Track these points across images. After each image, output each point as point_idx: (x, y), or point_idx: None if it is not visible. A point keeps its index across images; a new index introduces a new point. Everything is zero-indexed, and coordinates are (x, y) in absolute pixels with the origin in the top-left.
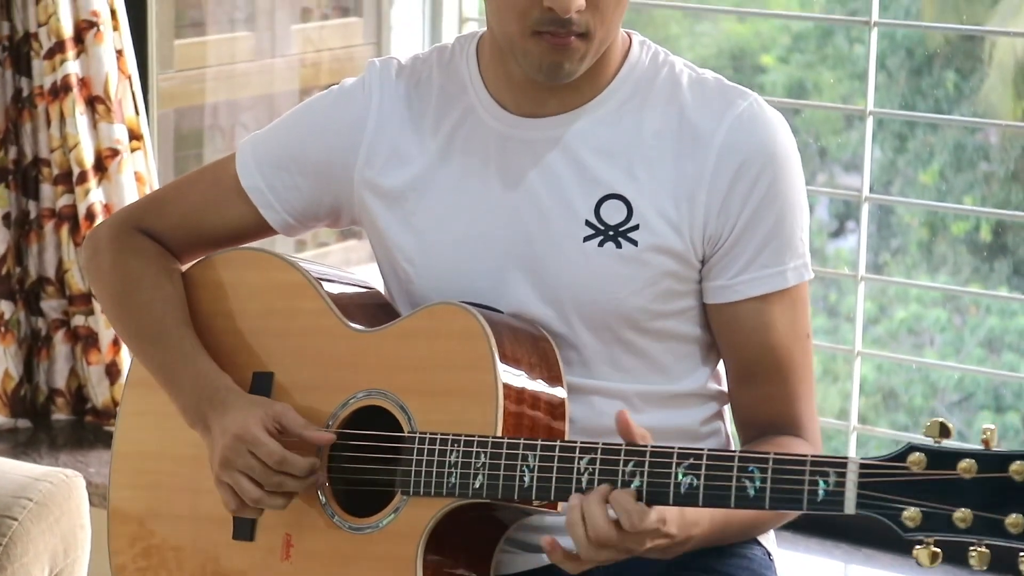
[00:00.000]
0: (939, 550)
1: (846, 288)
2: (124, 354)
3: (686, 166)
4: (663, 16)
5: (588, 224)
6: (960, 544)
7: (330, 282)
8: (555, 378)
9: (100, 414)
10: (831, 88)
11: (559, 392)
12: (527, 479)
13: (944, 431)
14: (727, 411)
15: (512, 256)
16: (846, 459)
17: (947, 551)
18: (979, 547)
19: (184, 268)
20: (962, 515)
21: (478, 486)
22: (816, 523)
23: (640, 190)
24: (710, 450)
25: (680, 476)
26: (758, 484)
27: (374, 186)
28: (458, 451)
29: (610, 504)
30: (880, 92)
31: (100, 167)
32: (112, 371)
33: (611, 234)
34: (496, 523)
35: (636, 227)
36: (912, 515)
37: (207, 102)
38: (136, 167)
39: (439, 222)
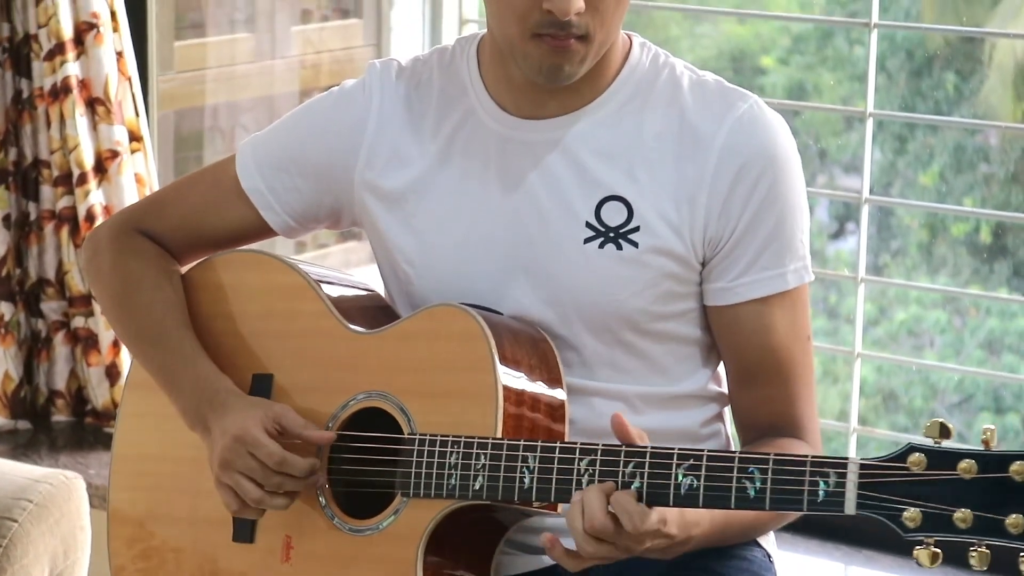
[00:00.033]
0: (939, 550)
1: (846, 290)
2: (124, 356)
3: (687, 168)
4: (663, 18)
5: (588, 226)
6: (960, 544)
7: (330, 284)
8: (555, 380)
9: (100, 416)
10: (831, 90)
11: (559, 394)
12: (527, 480)
13: (944, 431)
14: (727, 413)
15: (512, 258)
16: (846, 460)
17: (947, 551)
18: (979, 547)
19: (184, 270)
20: (962, 515)
21: (478, 487)
22: (816, 524)
23: (640, 192)
24: (710, 451)
25: (680, 477)
26: (758, 485)
27: (374, 188)
28: (458, 453)
29: (611, 504)
30: (880, 94)
31: (100, 169)
32: (112, 373)
33: (611, 236)
34: (496, 525)
35: (636, 229)
36: (912, 516)
37: (207, 104)
38: (136, 169)
39: (439, 224)
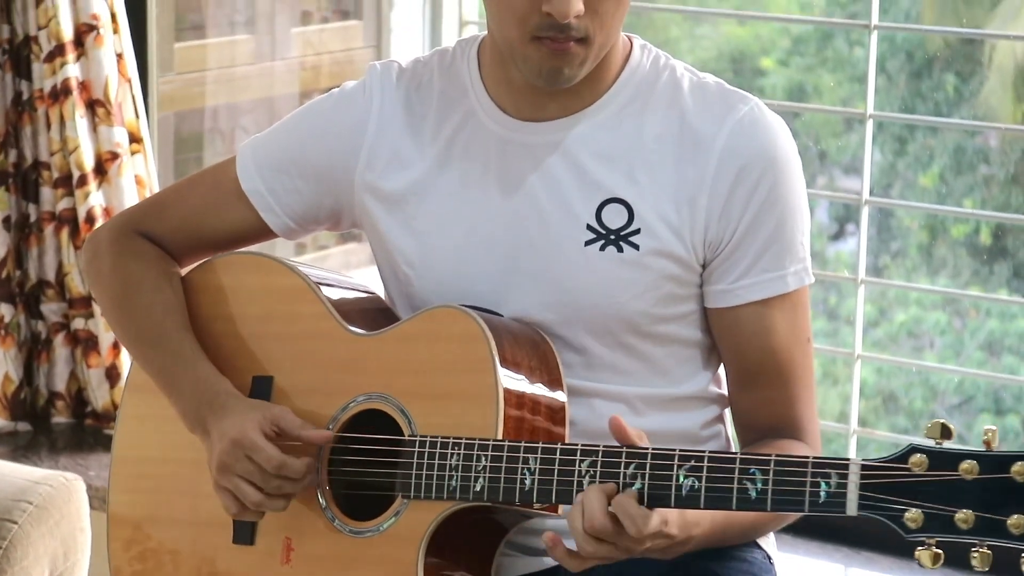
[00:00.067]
0: (941, 551)
1: (846, 291)
2: (124, 357)
3: (687, 170)
4: (663, 19)
5: (589, 228)
6: (962, 545)
7: (329, 286)
8: (555, 381)
9: (100, 417)
10: (831, 91)
11: (559, 396)
12: (528, 482)
13: (945, 432)
14: (728, 414)
15: (513, 260)
16: (847, 460)
17: (949, 552)
18: (981, 548)
19: (184, 271)
20: (964, 516)
21: (479, 489)
22: (816, 526)
23: (641, 194)
24: (711, 452)
25: (682, 478)
26: (760, 486)
27: (375, 189)
28: (459, 454)
29: (612, 507)
30: (880, 95)
31: (100, 170)
32: (112, 374)
33: (612, 238)
34: (497, 526)
35: (637, 231)
36: (914, 516)
37: (207, 105)
38: (136, 170)
39: (440, 226)
